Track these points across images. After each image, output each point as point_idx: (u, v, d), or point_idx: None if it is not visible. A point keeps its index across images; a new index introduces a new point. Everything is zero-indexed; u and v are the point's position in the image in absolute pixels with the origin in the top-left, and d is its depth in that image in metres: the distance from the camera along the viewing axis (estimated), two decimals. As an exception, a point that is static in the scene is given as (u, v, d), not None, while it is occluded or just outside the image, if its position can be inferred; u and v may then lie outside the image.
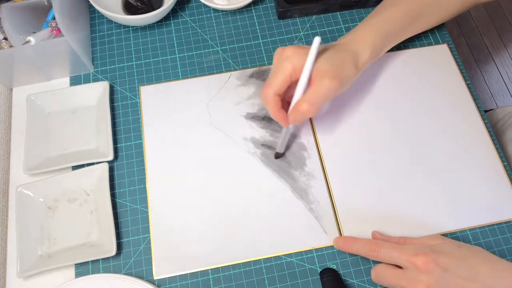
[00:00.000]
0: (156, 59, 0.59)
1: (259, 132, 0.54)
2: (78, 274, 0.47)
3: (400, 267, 0.41)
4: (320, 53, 0.44)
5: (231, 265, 0.47)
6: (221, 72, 0.58)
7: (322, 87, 0.43)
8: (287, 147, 0.53)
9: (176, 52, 0.60)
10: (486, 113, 0.61)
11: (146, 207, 0.50)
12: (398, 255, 0.41)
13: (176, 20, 0.62)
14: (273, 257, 0.48)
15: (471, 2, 0.55)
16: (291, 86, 0.45)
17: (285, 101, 0.47)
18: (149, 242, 0.48)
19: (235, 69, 0.58)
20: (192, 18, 0.62)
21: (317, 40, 0.41)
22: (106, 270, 0.48)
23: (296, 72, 0.43)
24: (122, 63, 0.59)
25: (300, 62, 0.43)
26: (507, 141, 0.62)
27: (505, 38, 1.58)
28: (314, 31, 0.61)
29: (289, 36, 0.61)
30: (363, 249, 0.44)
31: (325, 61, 0.43)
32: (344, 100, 0.56)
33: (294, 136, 0.54)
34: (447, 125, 0.54)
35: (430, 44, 0.60)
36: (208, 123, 0.55)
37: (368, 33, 0.49)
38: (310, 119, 0.54)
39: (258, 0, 0.63)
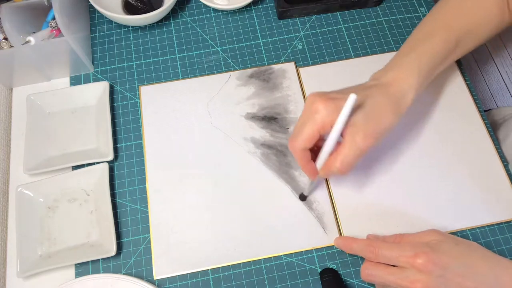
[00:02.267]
0: (156, 59, 0.59)
1: (259, 132, 0.54)
2: (78, 274, 0.47)
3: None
4: (355, 106, 0.39)
5: (231, 265, 0.47)
6: (221, 72, 0.58)
7: (354, 147, 0.39)
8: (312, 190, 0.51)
9: (176, 52, 0.60)
10: (485, 113, 0.61)
11: (146, 207, 0.50)
12: (397, 256, 0.41)
13: (176, 20, 0.62)
14: (273, 257, 0.48)
15: (506, 24, 0.52)
16: (320, 139, 0.42)
17: (313, 150, 0.43)
18: (149, 242, 0.48)
19: (235, 69, 0.58)
20: (192, 18, 0.62)
21: (352, 98, 0.36)
22: (106, 270, 0.48)
23: (325, 128, 0.39)
24: (122, 63, 0.59)
25: (331, 118, 0.39)
26: (507, 141, 0.62)
27: (505, 38, 1.58)
28: (314, 31, 0.61)
29: (289, 36, 0.61)
30: (361, 250, 0.44)
31: (361, 115, 0.39)
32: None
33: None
34: (447, 125, 0.54)
35: (430, 44, 0.60)
36: (208, 123, 0.55)
37: (409, 72, 0.44)
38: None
39: (258, 0, 0.63)
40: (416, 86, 0.44)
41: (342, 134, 0.40)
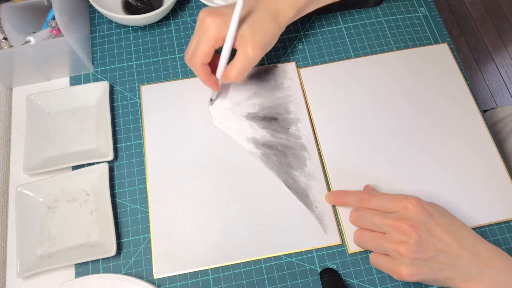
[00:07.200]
0: (156, 59, 0.59)
1: (259, 132, 0.54)
2: (78, 274, 0.47)
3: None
4: (242, 17, 0.45)
5: (231, 265, 0.47)
6: (221, 72, 0.58)
7: (246, 57, 0.46)
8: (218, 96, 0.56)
9: (176, 52, 0.60)
10: (486, 113, 0.61)
11: (146, 207, 0.50)
12: (389, 201, 0.43)
13: (176, 20, 0.62)
14: (273, 257, 0.48)
15: None
16: (216, 57, 0.48)
17: (212, 63, 0.49)
18: (149, 242, 0.48)
19: (235, 69, 0.58)
20: (192, 18, 0.62)
21: (239, 5, 0.42)
22: (106, 270, 0.48)
23: (218, 41, 0.45)
24: (122, 63, 0.59)
25: (222, 32, 0.45)
26: (508, 140, 0.62)
27: (505, 38, 1.58)
28: (314, 31, 0.61)
29: (289, 36, 0.61)
30: (354, 200, 0.46)
31: (247, 28, 0.45)
32: (345, 101, 0.56)
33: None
34: (447, 125, 0.54)
35: (430, 44, 0.60)
36: (208, 123, 0.55)
37: None
38: (310, 119, 0.54)
39: (258, 0, 0.63)
40: (295, 3, 0.48)
41: (235, 47, 0.46)
